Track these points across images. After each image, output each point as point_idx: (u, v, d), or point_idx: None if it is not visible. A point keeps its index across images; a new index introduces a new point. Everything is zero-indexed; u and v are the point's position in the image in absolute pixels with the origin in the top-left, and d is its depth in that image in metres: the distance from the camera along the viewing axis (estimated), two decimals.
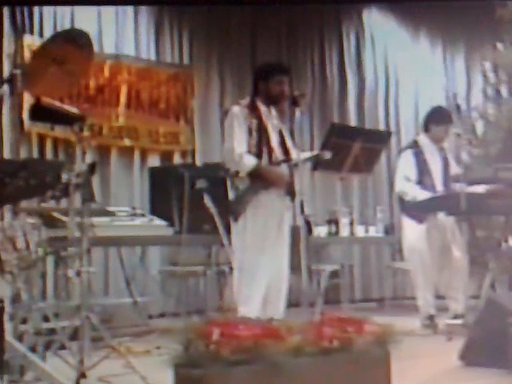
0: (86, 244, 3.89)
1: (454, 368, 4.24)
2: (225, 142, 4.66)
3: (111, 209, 5.73)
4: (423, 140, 5.97)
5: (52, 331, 4.16)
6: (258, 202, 4.51)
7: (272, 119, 4.70)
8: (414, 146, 5.98)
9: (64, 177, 3.53)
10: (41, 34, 6.58)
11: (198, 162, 7.42)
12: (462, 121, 7.78)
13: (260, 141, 4.58)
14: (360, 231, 7.22)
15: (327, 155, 4.86)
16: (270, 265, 4.50)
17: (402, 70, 9.12)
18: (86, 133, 3.80)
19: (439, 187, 5.84)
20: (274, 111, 4.73)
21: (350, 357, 3.01)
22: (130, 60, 7.31)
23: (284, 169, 4.63)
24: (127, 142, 7.24)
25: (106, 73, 7.07)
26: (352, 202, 8.26)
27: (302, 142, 6.50)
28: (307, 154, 4.88)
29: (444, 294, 5.81)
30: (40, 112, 3.95)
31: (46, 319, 4.26)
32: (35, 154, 6.51)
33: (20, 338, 3.49)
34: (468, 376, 4.08)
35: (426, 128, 5.96)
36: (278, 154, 4.64)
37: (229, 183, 4.62)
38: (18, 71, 3.58)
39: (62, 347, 4.02)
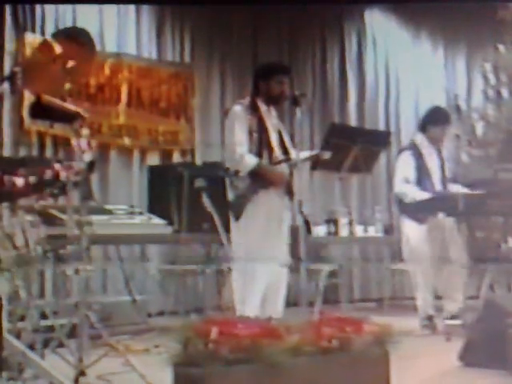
0: (85, 242, 3.88)
1: (453, 368, 4.24)
2: (225, 141, 4.66)
3: (110, 207, 5.73)
4: (421, 140, 5.93)
5: (50, 329, 4.15)
6: (258, 201, 4.51)
7: (271, 119, 4.70)
8: (412, 146, 5.97)
9: (63, 175, 3.52)
10: (42, 32, 6.58)
11: (198, 161, 7.42)
12: (462, 122, 7.79)
13: (260, 140, 4.59)
14: (359, 231, 7.21)
15: (327, 155, 4.86)
16: (269, 264, 4.49)
17: (403, 70, 9.11)
18: (85, 131, 3.78)
19: (438, 188, 5.83)
20: (273, 111, 4.74)
21: (348, 357, 3.00)
22: (131, 58, 7.31)
23: (284, 168, 4.63)
24: (127, 140, 7.23)
25: (107, 71, 7.07)
26: (351, 202, 8.26)
27: (302, 142, 6.48)
28: (307, 154, 4.87)
29: (443, 294, 5.81)
30: (40, 110, 3.94)
31: (44, 317, 4.25)
32: (35, 152, 6.51)
33: (18, 335, 3.48)
34: (467, 376, 4.08)
35: (424, 128, 5.94)
36: (277, 153, 4.65)
37: (228, 182, 4.62)
38: (18, 69, 3.57)
39: (61, 345, 4.02)
